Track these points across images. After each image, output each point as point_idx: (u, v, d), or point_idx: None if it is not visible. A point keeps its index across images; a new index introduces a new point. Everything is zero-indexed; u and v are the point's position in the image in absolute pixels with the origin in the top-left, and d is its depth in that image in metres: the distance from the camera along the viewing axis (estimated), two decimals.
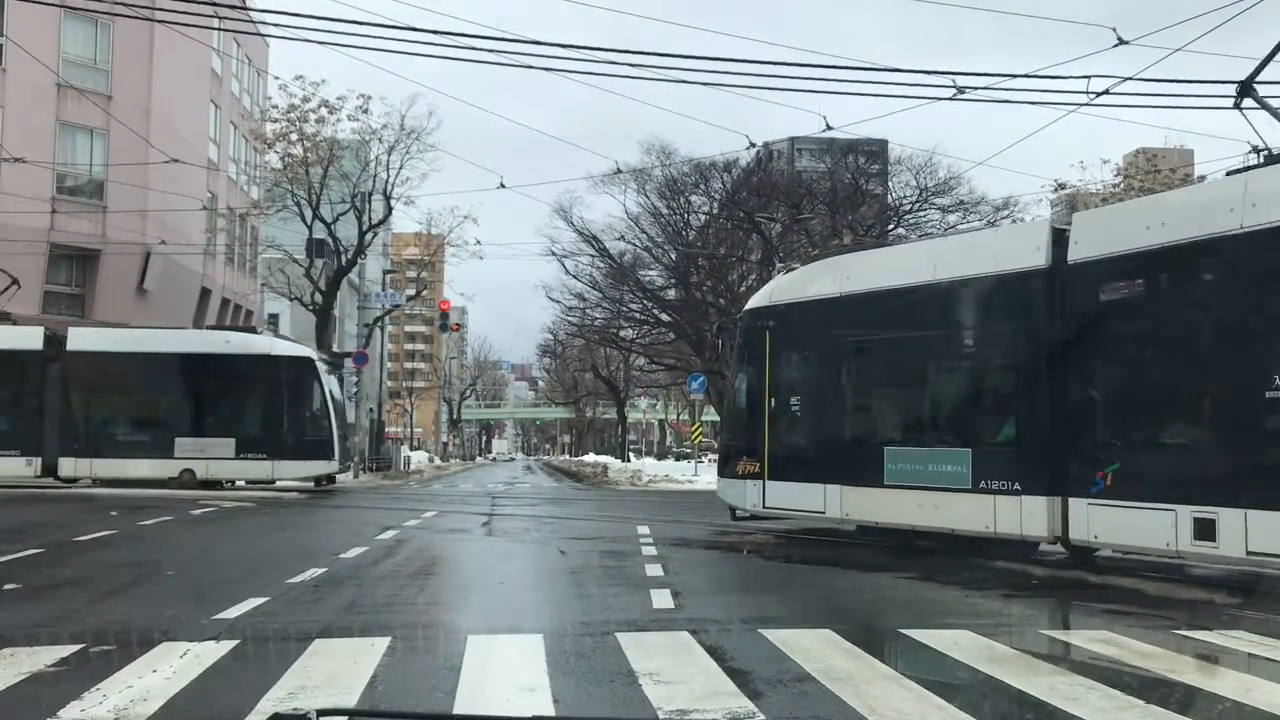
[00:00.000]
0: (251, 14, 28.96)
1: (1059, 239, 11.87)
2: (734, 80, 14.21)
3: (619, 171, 39.08)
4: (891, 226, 46.83)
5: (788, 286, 15.65)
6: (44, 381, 24.44)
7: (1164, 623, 8.29)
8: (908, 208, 47.08)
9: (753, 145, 27.17)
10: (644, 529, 15.05)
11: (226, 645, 6.75)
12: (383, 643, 6.81)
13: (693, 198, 48.91)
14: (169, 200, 31.18)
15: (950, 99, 14.82)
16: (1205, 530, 10.06)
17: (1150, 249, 10.87)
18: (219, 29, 32.10)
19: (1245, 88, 12.34)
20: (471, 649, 6.65)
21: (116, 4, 22.19)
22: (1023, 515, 11.78)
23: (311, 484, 25.49)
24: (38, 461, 23.90)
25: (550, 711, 5.22)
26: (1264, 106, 12.05)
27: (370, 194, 38.11)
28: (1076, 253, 11.60)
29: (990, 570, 11.78)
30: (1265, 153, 11.82)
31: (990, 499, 12.08)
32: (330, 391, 25.34)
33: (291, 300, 39.97)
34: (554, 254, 47.77)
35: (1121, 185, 46.35)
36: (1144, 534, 10.75)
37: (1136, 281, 11.11)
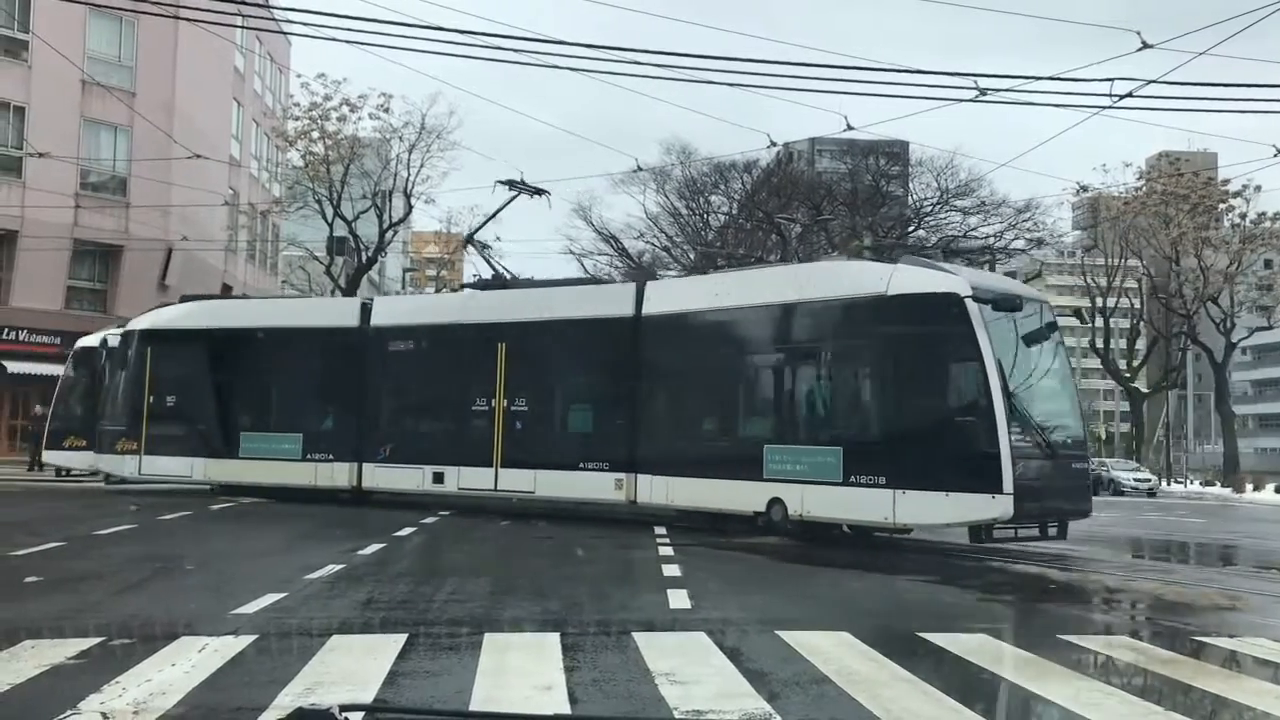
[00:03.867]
0: (275, 12, 29.11)
1: (365, 310, 19.65)
2: (754, 80, 14.18)
3: (639, 170, 38.97)
4: (912, 228, 46.65)
5: (168, 316, 21.50)
6: None
7: (1184, 629, 8.23)
8: (929, 209, 46.91)
9: (773, 145, 26.99)
10: (661, 529, 15.04)
11: (245, 640, 6.78)
12: (400, 639, 6.83)
13: (712, 198, 48.86)
14: (191, 196, 31.37)
15: (972, 100, 14.72)
16: (439, 478, 17.90)
17: (413, 324, 19.15)
18: (242, 27, 32.26)
19: (469, 239, 20.76)
20: (488, 646, 6.66)
21: (141, 1, 22.32)
22: (334, 474, 18.91)
23: None
24: None
25: (566, 710, 5.22)
26: (482, 255, 20.36)
27: (391, 192, 38.22)
28: (375, 320, 19.30)
29: (1008, 575, 11.74)
30: (477, 278, 20.61)
31: (315, 465, 19.03)
32: None
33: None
34: (573, 253, 47.87)
35: (1144, 189, 46.02)
36: (405, 481, 18.37)
37: (409, 342, 18.91)
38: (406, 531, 14.29)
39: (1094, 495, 15.50)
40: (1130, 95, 13.99)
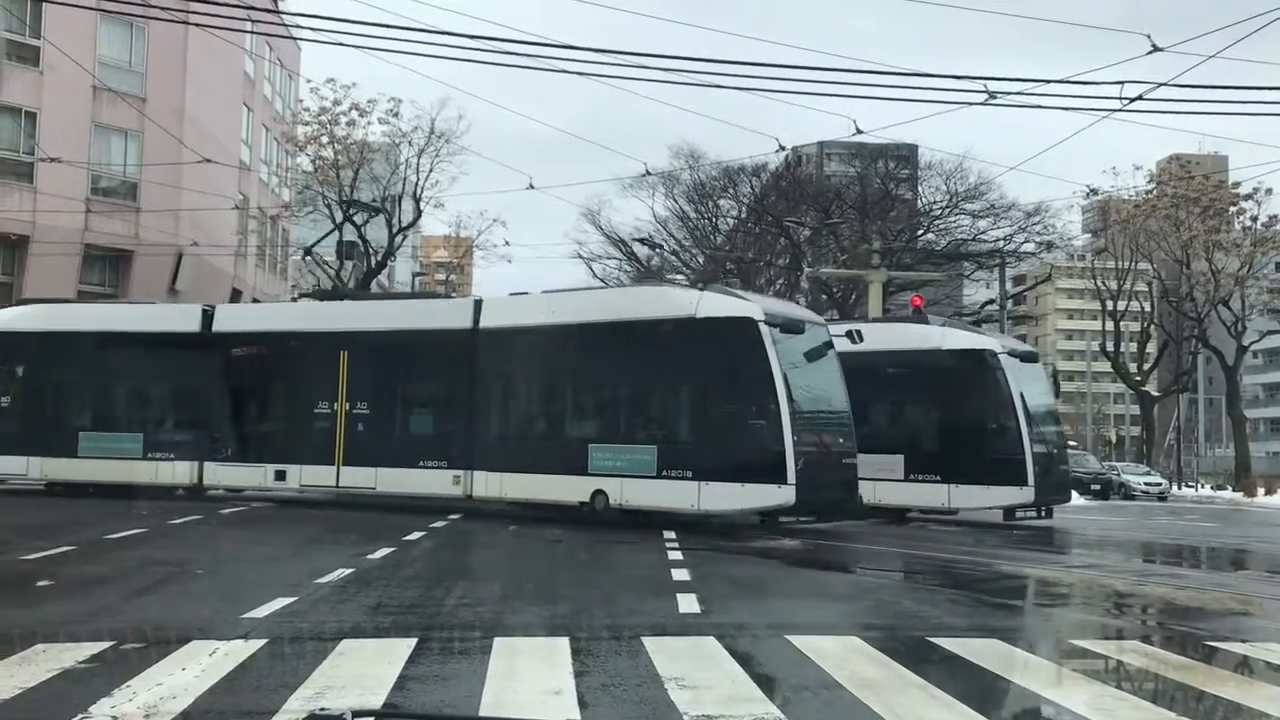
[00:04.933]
0: (284, 18, 29.19)
1: (207, 316, 20.63)
2: (763, 84, 14.23)
3: (647, 174, 39.17)
4: (921, 232, 46.58)
5: (3, 319, 22.06)
6: None
7: (1197, 634, 8.19)
8: (938, 213, 46.85)
9: (782, 149, 26.99)
10: (670, 533, 15.02)
11: (255, 644, 6.79)
12: (409, 644, 6.84)
13: (721, 201, 48.84)
14: (201, 201, 31.45)
15: (982, 104, 14.71)
16: (281, 476, 19.22)
17: (257, 331, 20.70)
18: (252, 32, 32.36)
19: (307, 252, 23.67)
20: (498, 651, 6.66)
21: (151, 7, 22.40)
22: (175, 472, 19.93)
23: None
24: None
25: (576, 714, 5.23)
26: (321, 266, 24.38)
27: (400, 196, 38.27)
28: (218, 326, 20.40)
29: (1019, 580, 11.71)
30: (314, 290, 21.98)
31: (155, 463, 20.03)
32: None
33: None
34: (581, 257, 47.92)
35: (1154, 192, 45.87)
36: (247, 479, 19.67)
37: (252, 347, 20.17)
38: (415, 535, 14.30)
39: (1104, 499, 16.47)
40: (1140, 98, 13.97)
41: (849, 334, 17.62)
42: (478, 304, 18.90)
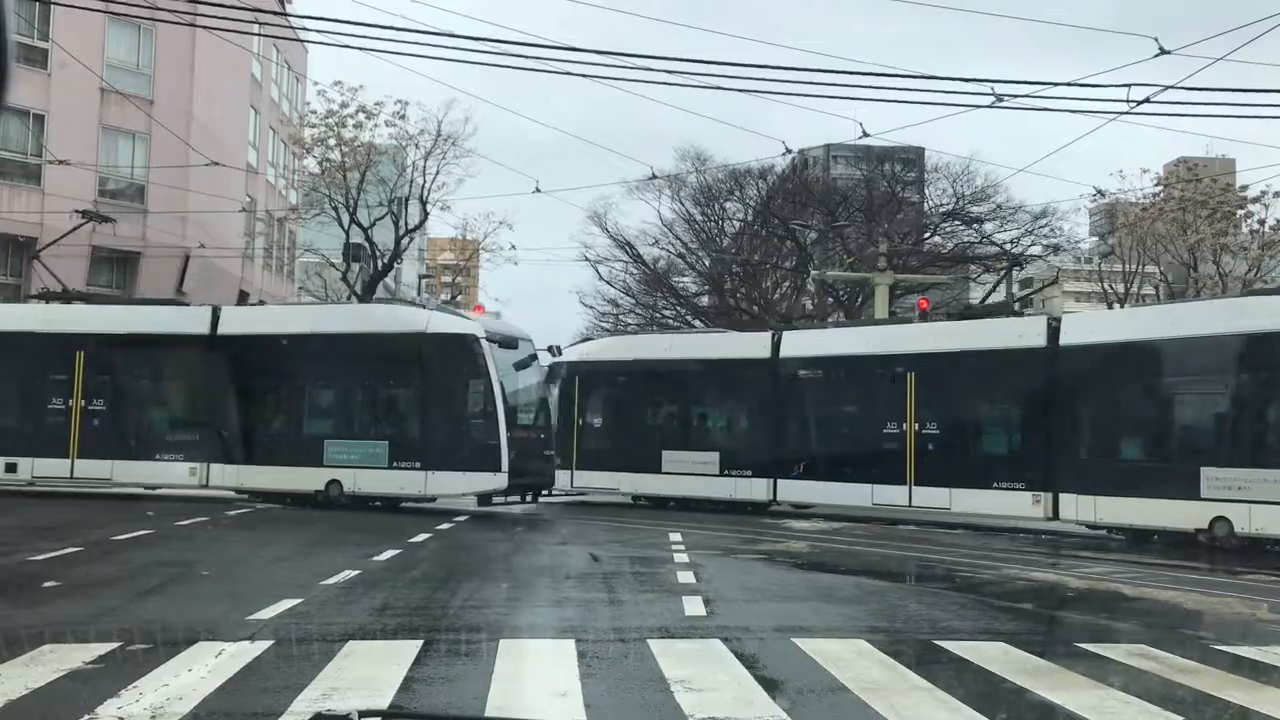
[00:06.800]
0: (291, 20, 29.21)
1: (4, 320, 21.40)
2: (769, 87, 14.23)
3: (654, 177, 39.07)
4: (928, 234, 46.54)
5: None
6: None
7: (1205, 638, 8.16)
8: (944, 216, 46.77)
9: (788, 152, 26.88)
10: (675, 535, 15.02)
11: (261, 645, 6.80)
12: (415, 645, 6.84)
13: (727, 204, 48.76)
14: (208, 203, 31.50)
15: (989, 106, 14.70)
16: (11, 468, 19.68)
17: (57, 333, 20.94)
18: (259, 35, 32.41)
19: (35, 255, 23.33)
20: (504, 653, 6.66)
21: (159, 9, 22.45)
22: None
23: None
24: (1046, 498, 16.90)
25: (582, 716, 5.23)
26: (50, 272, 22.57)
27: (407, 199, 38.28)
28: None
29: (1025, 583, 11.69)
30: (45, 292, 22.71)
31: None
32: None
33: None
34: (588, 260, 47.84)
35: (1161, 195, 45.80)
36: None
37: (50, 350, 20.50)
38: (421, 537, 14.31)
39: None
40: (1148, 101, 13.95)
41: (550, 349, 20.55)
42: (215, 310, 20.35)
